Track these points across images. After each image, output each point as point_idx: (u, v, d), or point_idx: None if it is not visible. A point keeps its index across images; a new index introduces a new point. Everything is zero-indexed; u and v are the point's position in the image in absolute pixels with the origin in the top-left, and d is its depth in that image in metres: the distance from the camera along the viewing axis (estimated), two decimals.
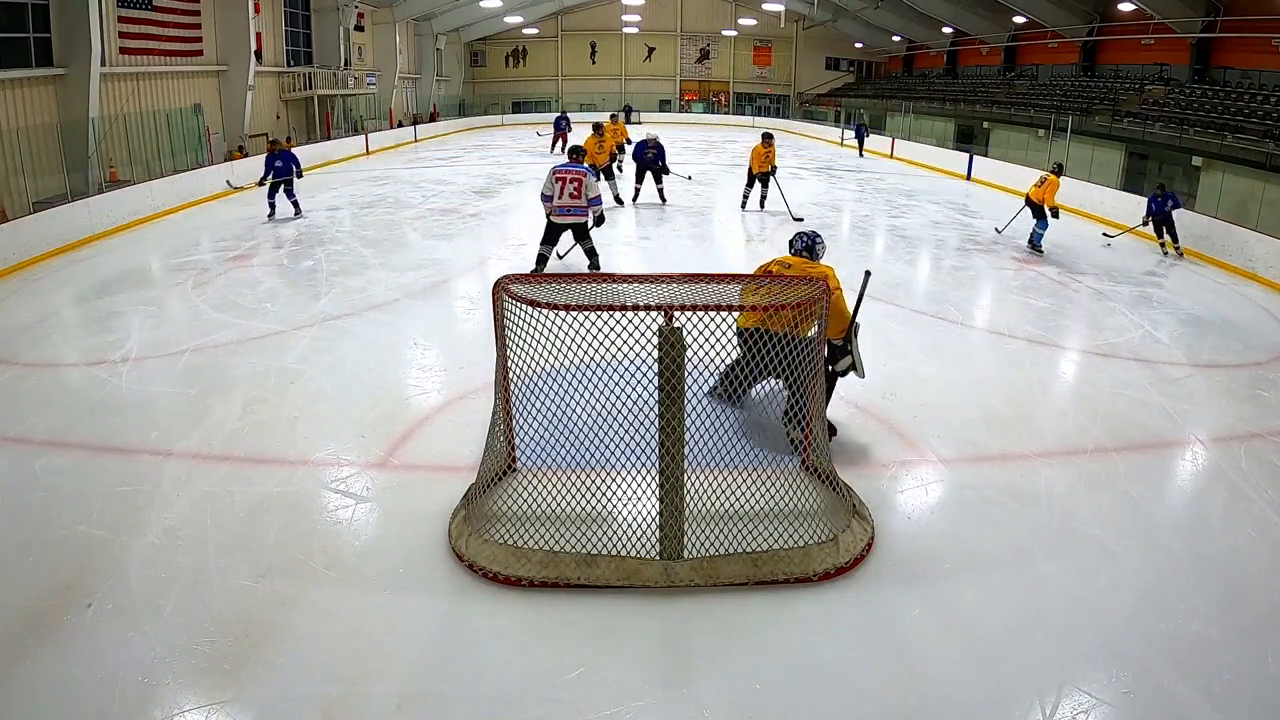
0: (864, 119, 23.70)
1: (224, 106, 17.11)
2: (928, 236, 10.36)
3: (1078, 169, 14.18)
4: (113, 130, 13.22)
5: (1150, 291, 7.92)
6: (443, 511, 3.57)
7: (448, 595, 3.09)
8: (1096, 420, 4.76)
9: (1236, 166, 13.81)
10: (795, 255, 4.45)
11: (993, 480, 4.03)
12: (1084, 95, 19.96)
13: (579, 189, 7.14)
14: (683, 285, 3.50)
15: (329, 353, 5.66)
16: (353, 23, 22.52)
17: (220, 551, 3.32)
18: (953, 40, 27.72)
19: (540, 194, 7.32)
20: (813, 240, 4.50)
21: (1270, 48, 15.51)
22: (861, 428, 4.56)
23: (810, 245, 4.48)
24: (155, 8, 14.65)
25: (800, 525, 3.33)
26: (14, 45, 11.46)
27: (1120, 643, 2.88)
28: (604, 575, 3.13)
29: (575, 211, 7.22)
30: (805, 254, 4.45)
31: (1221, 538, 3.62)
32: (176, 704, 2.54)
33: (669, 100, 35.80)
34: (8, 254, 8.19)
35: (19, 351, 5.77)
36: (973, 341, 6.30)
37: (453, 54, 32.69)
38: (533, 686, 2.65)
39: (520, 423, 3.77)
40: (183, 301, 6.96)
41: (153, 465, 4.03)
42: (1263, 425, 4.78)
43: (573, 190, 7.12)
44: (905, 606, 3.06)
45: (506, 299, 3.34)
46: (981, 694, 2.65)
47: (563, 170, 7.19)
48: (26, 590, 3.07)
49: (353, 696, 2.59)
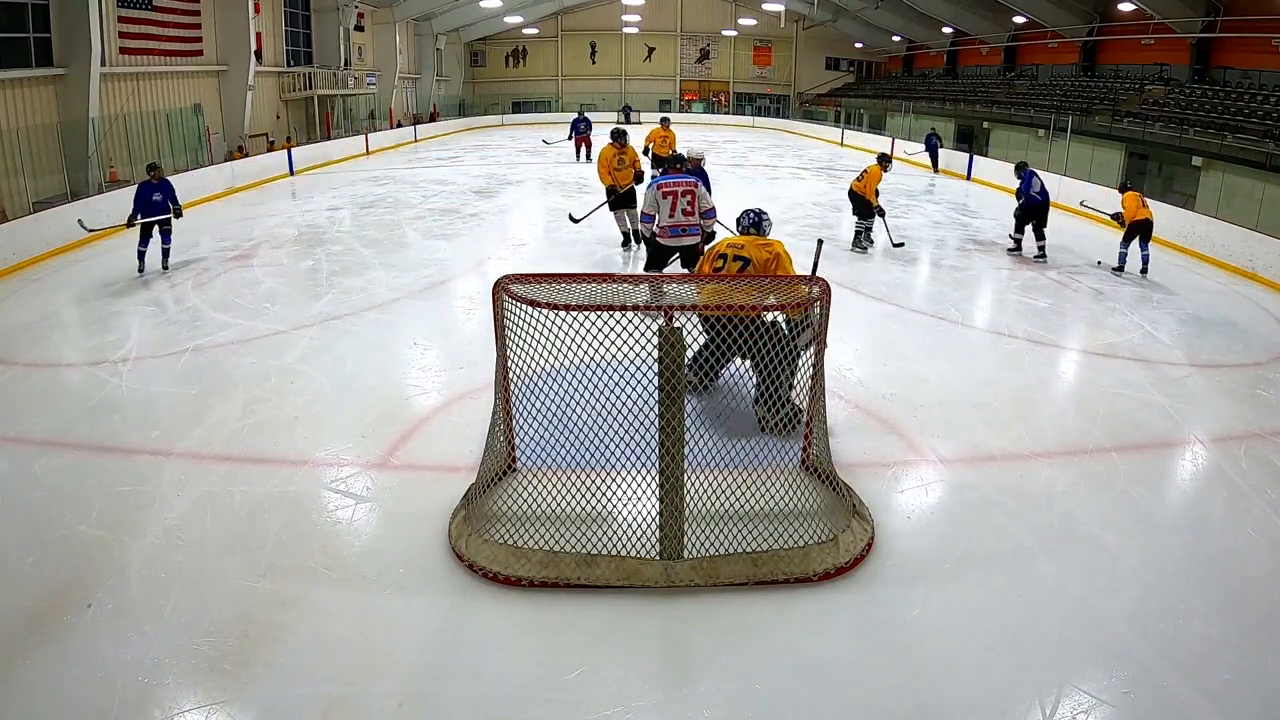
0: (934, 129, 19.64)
1: (224, 106, 17.11)
2: (928, 236, 10.36)
3: (1078, 169, 14.18)
4: (113, 130, 13.22)
5: (1150, 291, 7.92)
6: (443, 511, 3.57)
7: (448, 595, 3.09)
8: (1096, 420, 4.76)
9: (1236, 166, 13.81)
10: (743, 234, 4.60)
11: (993, 480, 4.03)
12: (1084, 95, 19.96)
13: (692, 203, 6.07)
14: (683, 285, 3.51)
15: (329, 353, 5.66)
16: (353, 23, 22.52)
17: (220, 551, 3.32)
18: (953, 40, 27.73)
19: (640, 212, 6.39)
20: (759, 217, 4.65)
21: (1270, 48, 15.51)
22: (861, 428, 4.56)
23: (757, 221, 4.63)
24: (155, 8, 14.65)
25: (800, 525, 3.32)
26: (14, 45, 11.46)
27: (1120, 643, 2.88)
28: (604, 575, 3.13)
29: (691, 231, 6.20)
30: (753, 230, 4.61)
31: (1221, 538, 3.62)
32: (176, 704, 2.54)
33: (669, 100, 35.78)
34: (8, 254, 8.19)
35: (19, 351, 5.77)
36: (973, 341, 6.30)
37: (453, 54, 32.69)
38: (533, 686, 2.65)
39: (520, 423, 3.77)
40: (183, 301, 6.96)
41: (153, 465, 4.03)
42: (1263, 425, 4.78)
43: (685, 205, 6.06)
44: (905, 606, 3.06)
45: (506, 299, 3.34)
46: (981, 694, 2.65)
47: (669, 183, 6.15)
48: (26, 590, 3.07)
49: (353, 696, 2.59)
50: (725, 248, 4.54)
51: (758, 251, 4.42)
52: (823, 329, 3.65)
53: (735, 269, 4.40)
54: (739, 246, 4.48)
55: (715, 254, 4.58)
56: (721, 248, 4.59)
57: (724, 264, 4.45)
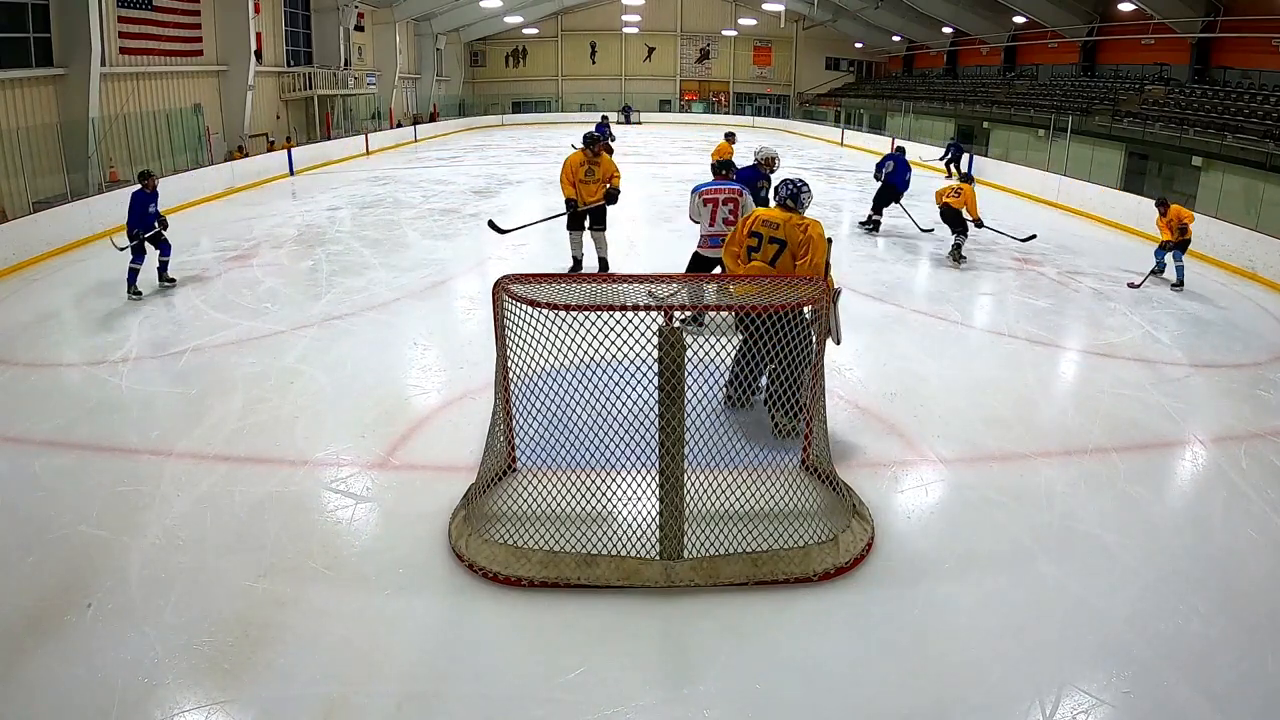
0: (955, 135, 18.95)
1: (224, 106, 17.11)
2: (928, 237, 10.36)
3: (1078, 169, 14.18)
4: (113, 130, 13.22)
5: (1150, 291, 7.92)
6: (443, 511, 3.57)
7: (448, 595, 3.09)
8: (1096, 420, 4.76)
9: (1236, 166, 13.80)
10: (781, 208, 4.26)
11: (993, 480, 4.03)
12: (1084, 95, 19.96)
13: (734, 211, 5.65)
14: (683, 285, 3.50)
15: (329, 353, 5.66)
16: (353, 23, 22.53)
17: (220, 551, 3.32)
18: (953, 40, 27.73)
19: (689, 217, 6.00)
20: (798, 189, 4.24)
21: (1270, 48, 15.51)
22: (862, 428, 4.56)
23: (795, 194, 4.23)
24: (155, 8, 14.65)
25: (800, 525, 3.32)
26: (14, 45, 11.46)
27: (1120, 643, 2.88)
28: (604, 575, 3.13)
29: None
30: (791, 203, 4.23)
31: (1221, 538, 3.62)
32: (176, 704, 2.54)
33: (669, 100, 35.80)
34: (8, 254, 8.19)
35: (19, 351, 5.77)
36: (973, 341, 6.30)
37: (453, 54, 32.70)
38: (533, 686, 2.65)
39: (520, 423, 3.77)
40: (183, 301, 6.96)
41: (153, 465, 4.03)
42: (1263, 425, 4.77)
43: (727, 214, 5.66)
44: (905, 606, 3.06)
45: (506, 299, 3.34)
46: (981, 694, 2.65)
47: (711, 189, 5.72)
48: (26, 590, 3.07)
49: (353, 696, 2.59)
50: (760, 225, 4.21)
51: (794, 232, 4.11)
52: (823, 330, 3.65)
53: (771, 252, 4.14)
54: (774, 226, 4.16)
55: (748, 230, 4.25)
56: (756, 224, 4.24)
57: (759, 244, 4.18)
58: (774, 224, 4.18)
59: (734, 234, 4.39)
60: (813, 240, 4.09)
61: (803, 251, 4.10)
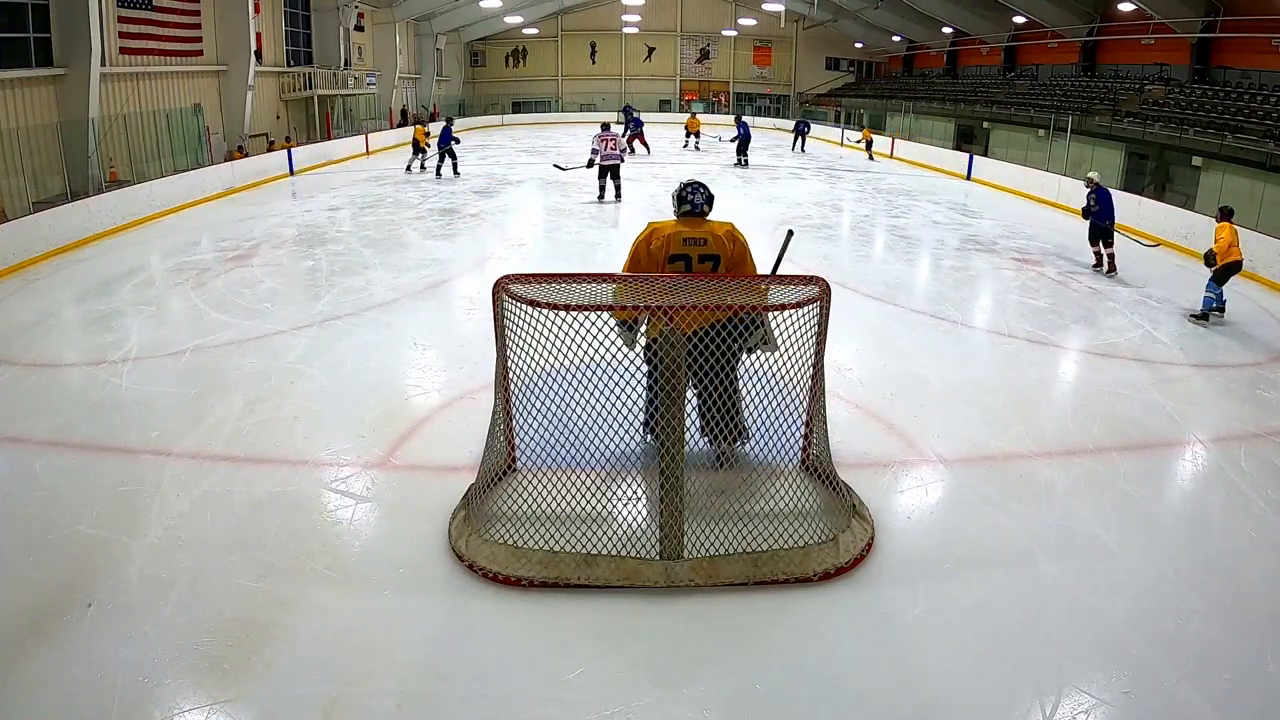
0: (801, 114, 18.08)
1: (224, 106, 17.11)
2: (928, 237, 10.36)
3: (1078, 169, 14.18)
4: (113, 130, 13.21)
5: (1150, 291, 7.92)
6: (443, 511, 3.57)
7: (448, 595, 3.09)
8: (1096, 420, 4.75)
9: (1236, 166, 13.81)
10: (693, 217, 3.80)
11: (993, 480, 4.03)
12: (1084, 95, 19.96)
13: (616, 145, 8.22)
14: (683, 285, 3.50)
15: (329, 353, 5.65)
16: (353, 23, 22.52)
17: (220, 551, 3.32)
18: (953, 40, 27.72)
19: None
20: (709, 192, 3.86)
21: (1270, 48, 15.51)
22: (861, 428, 4.56)
23: (710, 199, 3.85)
24: (155, 8, 14.65)
25: (800, 525, 3.32)
26: (14, 45, 11.46)
27: (1120, 643, 2.88)
28: (604, 575, 3.13)
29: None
30: (707, 208, 3.82)
31: (1221, 538, 3.62)
32: (176, 704, 2.54)
33: (669, 100, 35.79)
34: (8, 254, 8.19)
35: (19, 351, 5.76)
36: (973, 341, 6.30)
37: (453, 54, 32.70)
38: (533, 686, 2.65)
39: (520, 423, 3.77)
40: (183, 301, 6.96)
41: (153, 465, 4.03)
42: (1263, 425, 4.77)
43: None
44: (905, 606, 3.06)
45: (506, 299, 3.34)
46: (981, 694, 2.65)
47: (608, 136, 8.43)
48: (26, 590, 3.07)
49: (353, 696, 2.59)
50: (683, 246, 3.66)
51: (724, 244, 3.68)
52: (823, 330, 3.64)
53: (705, 271, 3.69)
54: (700, 242, 3.66)
55: (667, 255, 3.68)
56: (674, 246, 3.67)
57: (688, 266, 3.70)
58: (698, 240, 3.68)
59: (638, 263, 3.75)
60: (746, 247, 3.76)
61: (743, 263, 3.73)
